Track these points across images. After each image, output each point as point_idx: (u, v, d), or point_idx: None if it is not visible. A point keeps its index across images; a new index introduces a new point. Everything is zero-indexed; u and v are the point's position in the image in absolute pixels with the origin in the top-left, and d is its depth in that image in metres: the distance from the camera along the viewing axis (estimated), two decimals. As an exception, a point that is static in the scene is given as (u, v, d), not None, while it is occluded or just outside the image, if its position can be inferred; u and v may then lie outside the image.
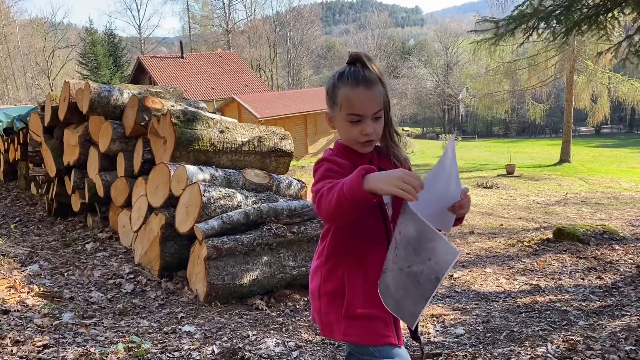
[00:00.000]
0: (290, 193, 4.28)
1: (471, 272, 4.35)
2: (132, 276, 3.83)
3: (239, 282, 3.43)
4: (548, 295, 3.55)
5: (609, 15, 5.29)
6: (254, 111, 21.47)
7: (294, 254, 3.67)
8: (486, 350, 2.61)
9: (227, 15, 47.58)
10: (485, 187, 13.61)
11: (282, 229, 3.61)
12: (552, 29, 5.75)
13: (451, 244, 1.09)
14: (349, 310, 1.40)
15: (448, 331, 2.95)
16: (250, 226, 3.61)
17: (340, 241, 1.42)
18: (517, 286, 3.86)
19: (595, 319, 2.99)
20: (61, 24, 50.38)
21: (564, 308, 3.20)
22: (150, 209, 4.05)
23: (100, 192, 4.82)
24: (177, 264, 3.85)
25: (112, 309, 3.25)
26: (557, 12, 5.43)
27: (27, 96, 36.67)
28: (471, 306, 3.41)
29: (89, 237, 4.89)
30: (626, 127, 48.31)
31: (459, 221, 1.36)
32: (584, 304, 3.30)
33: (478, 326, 2.98)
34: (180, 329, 2.91)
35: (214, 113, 5.09)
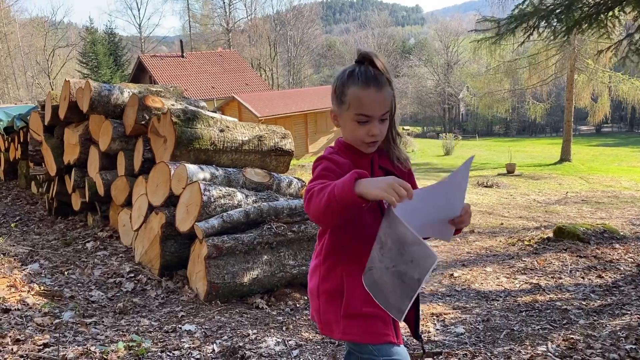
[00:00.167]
0: (291, 192, 4.28)
1: (471, 270, 4.35)
2: (132, 275, 3.83)
3: (239, 281, 3.43)
4: (548, 294, 3.55)
5: (610, 13, 5.30)
6: (254, 110, 21.46)
7: (294, 253, 3.67)
8: (486, 349, 2.61)
9: (228, 14, 47.60)
10: (486, 186, 13.59)
11: (282, 227, 3.61)
12: (553, 28, 5.75)
13: (432, 249, 1.12)
14: (348, 309, 1.40)
15: (448, 330, 2.95)
16: (251, 225, 3.61)
17: (338, 240, 1.42)
18: (517, 285, 3.86)
19: (595, 317, 3.00)
20: (61, 23, 50.47)
21: (564, 307, 3.21)
22: (151, 207, 4.05)
23: (101, 191, 4.82)
24: (178, 262, 3.85)
25: (112, 307, 3.25)
26: (558, 11, 5.43)
27: (27, 95, 36.66)
28: (471, 305, 3.41)
29: (89, 236, 4.89)
30: (627, 126, 48.29)
31: (457, 231, 1.40)
32: (584, 302, 3.30)
33: (478, 325, 2.98)
34: (181, 327, 2.91)
35: (214, 112, 5.09)
